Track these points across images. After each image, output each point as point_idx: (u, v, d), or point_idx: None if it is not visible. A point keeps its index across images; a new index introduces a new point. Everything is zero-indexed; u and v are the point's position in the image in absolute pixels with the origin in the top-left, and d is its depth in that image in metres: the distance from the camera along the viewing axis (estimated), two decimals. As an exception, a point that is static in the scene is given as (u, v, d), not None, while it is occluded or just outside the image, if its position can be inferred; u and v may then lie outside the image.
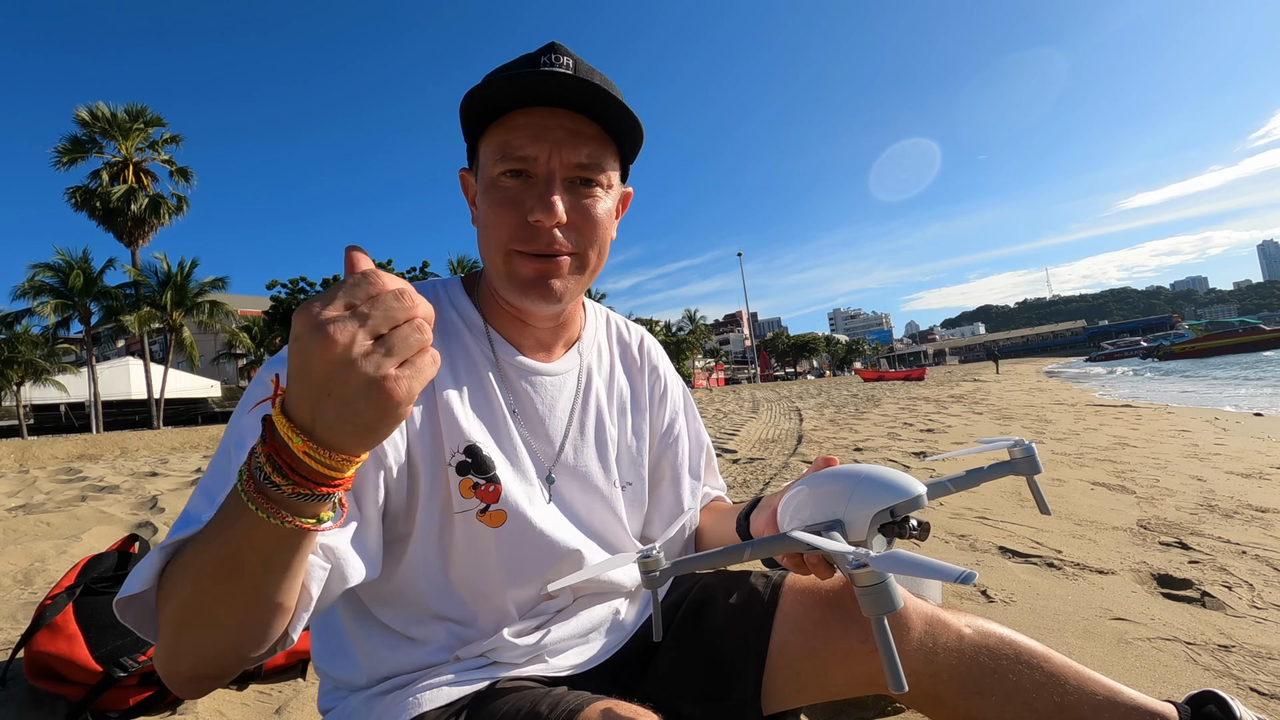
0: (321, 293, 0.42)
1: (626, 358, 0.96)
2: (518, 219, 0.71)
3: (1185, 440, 4.84)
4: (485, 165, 0.73)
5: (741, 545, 0.69)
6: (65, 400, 30.11)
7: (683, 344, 56.54)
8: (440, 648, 0.74)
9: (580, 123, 0.71)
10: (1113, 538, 2.42)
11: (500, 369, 0.80)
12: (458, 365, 0.77)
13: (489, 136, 0.73)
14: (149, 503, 4.14)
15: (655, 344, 1.02)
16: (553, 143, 0.70)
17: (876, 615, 0.53)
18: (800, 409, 11.47)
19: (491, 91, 0.69)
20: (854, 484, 0.65)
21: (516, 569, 0.76)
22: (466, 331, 0.80)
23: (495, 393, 0.79)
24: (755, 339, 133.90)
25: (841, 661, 0.75)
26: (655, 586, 0.67)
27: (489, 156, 0.72)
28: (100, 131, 27.16)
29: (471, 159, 0.78)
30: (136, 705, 1.39)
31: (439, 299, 0.82)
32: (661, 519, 0.96)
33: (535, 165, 0.70)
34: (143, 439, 13.56)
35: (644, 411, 0.95)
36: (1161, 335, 65.35)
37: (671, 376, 1.01)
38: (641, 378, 0.96)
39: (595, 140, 0.72)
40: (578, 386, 0.87)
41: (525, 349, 0.83)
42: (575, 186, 0.72)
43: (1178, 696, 0.75)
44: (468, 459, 0.74)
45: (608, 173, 0.74)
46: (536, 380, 0.83)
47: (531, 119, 0.70)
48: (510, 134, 0.70)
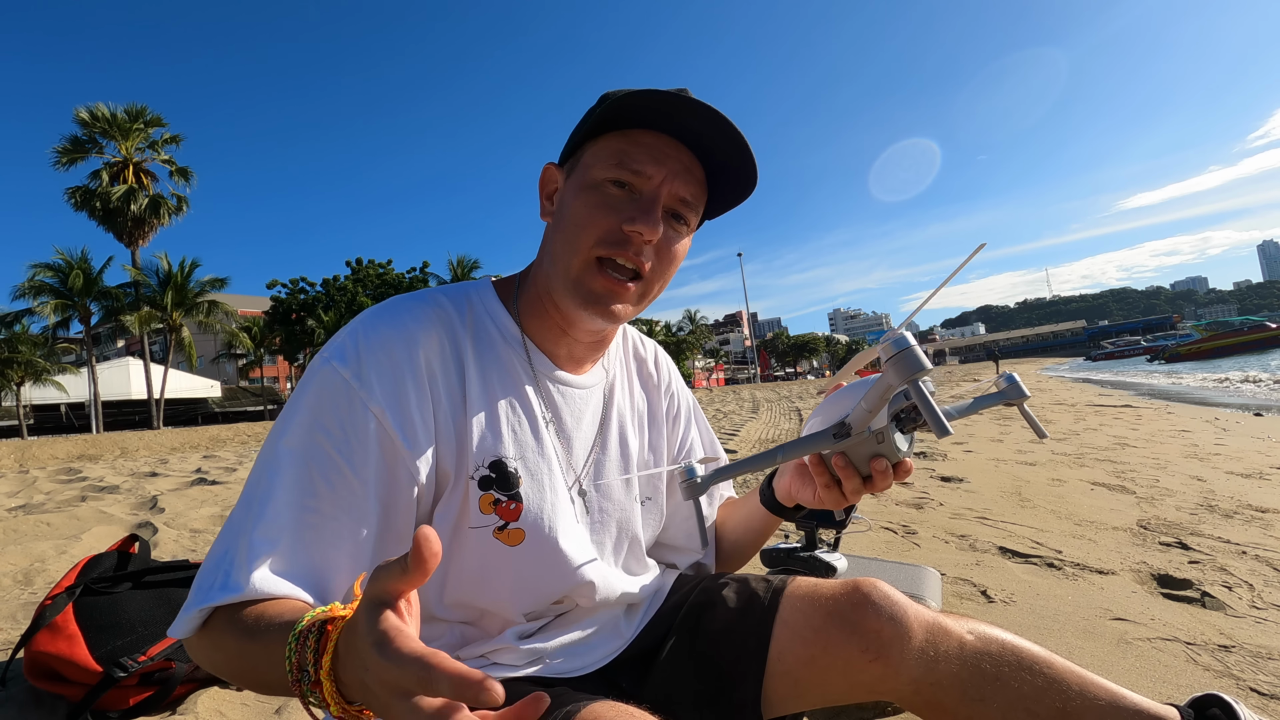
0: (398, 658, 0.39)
1: (643, 373, 0.97)
2: (612, 224, 0.71)
3: (1185, 440, 4.84)
4: (590, 166, 0.73)
5: (772, 451, 0.72)
6: (65, 400, 30.13)
7: (683, 344, 56.55)
8: (441, 645, 0.74)
9: (694, 165, 0.74)
10: (1113, 538, 2.42)
11: (537, 379, 0.80)
12: (490, 376, 0.76)
13: (605, 141, 0.73)
14: (149, 503, 4.14)
15: (667, 358, 1.03)
16: (669, 171, 0.72)
17: (913, 379, 0.58)
18: (800, 409, 11.47)
19: (638, 102, 0.70)
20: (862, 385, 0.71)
21: (530, 587, 0.75)
22: (501, 340, 0.79)
23: (533, 404, 0.78)
24: (755, 339, 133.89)
25: (841, 670, 0.75)
26: (696, 494, 0.73)
27: (600, 159, 0.72)
28: (100, 132, 27.16)
29: (565, 157, 0.78)
30: (136, 705, 1.39)
31: (472, 305, 0.80)
32: (679, 529, 0.97)
33: (647, 184, 0.73)
34: (143, 439, 13.57)
35: (660, 426, 0.96)
36: (1162, 335, 65.14)
37: (683, 391, 1.03)
38: (658, 393, 0.97)
39: (700, 184, 0.76)
40: (603, 401, 0.87)
41: (559, 360, 0.82)
42: (669, 219, 0.75)
43: (1178, 697, 0.76)
44: (491, 474, 0.73)
45: (694, 219, 0.78)
46: (567, 392, 0.82)
47: (657, 141, 0.72)
48: (633, 147, 0.71)
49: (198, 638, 0.61)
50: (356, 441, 0.66)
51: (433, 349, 0.72)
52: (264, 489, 0.63)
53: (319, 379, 0.68)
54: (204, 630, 0.61)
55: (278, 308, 30.51)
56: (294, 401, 0.68)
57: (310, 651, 0.46)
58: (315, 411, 0.66)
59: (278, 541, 0.61)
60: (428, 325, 0.73)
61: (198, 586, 0.62)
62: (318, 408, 0.66)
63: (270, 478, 0.64)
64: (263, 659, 0.54)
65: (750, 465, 0.73)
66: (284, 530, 0.62)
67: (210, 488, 4.74)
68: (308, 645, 0.47)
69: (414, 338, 0.71)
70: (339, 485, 0.65)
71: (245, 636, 0.57)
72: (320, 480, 0.64)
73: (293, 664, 0.47)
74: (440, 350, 0.73)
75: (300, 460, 0.64)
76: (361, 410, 0.66)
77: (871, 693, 0.75)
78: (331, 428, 0.66)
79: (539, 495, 0.75)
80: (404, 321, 0.72)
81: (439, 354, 0.73)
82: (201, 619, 0.61)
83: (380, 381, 0.68)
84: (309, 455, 0.65)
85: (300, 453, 0.65)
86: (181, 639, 0.62)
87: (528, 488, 0.74)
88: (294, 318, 30.15)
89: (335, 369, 0.67)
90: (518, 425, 0.76)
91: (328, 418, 0.66)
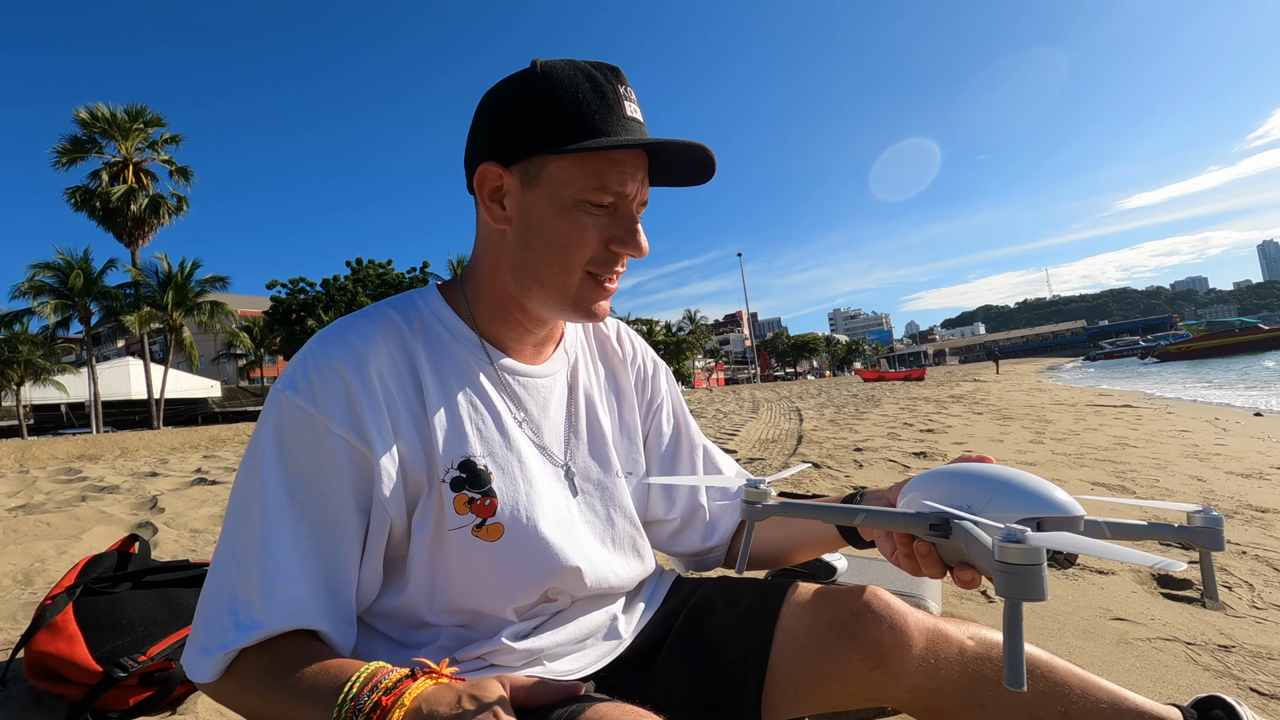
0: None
1: (607, 350, 0.98)
2: (599, 244, 0.73)
3: (1185, 440, 4.84)
4: (563, 184, 0.71)
5: (854, 508, 0.60)
6: (65, 400, 30.11)
7: (683, 344, 56.55)
8: (438, 649, 0.74)
9: (645, 166, 0.76)
10: (1113, 538, 2.42)
11: (496, 374, 0.80)
12: (448, 378, 0.77)
13: (583, 161, 0.71)
14: (149, 503, 4.14)
15: (631, 332, 1.03)
16: (639, 184, 0.74)
17: (1015, 599, 0.45)
18: (800, 409, 11.47)
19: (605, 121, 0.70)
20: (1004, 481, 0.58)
21: (517, 580, 0.76)
22: (454, 342, 0.79)
23: (494, 399, 0.79)
24: (755, 339, 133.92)
25: (842, 678, 0.75)
26: (755, 519, 0.63)
27: (576, 179, 0.71)
28: (100, 132, 27.17)
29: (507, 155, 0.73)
30: (136, 705, 1.39)
31: (419, 311, 0.80)
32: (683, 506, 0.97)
33: (625, 203, 0.74)
34: (143, 439, 13.57)
35: (630, 400, 0.96)
36: (1162, 336, 65.17)
37: (650, 360, 1.03)
38: (625, 367, 0.98)
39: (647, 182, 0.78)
40: (568, 385, 0.88)
41: (511, 351, 0.83)
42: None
43: (1178, 697, 0.75)
44: (462, 474, 0.73)
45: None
46: (529, 382, 0.83)
47: (629, 158, 0.73)
48: (611, 168, 0.71)
49: (221, 682, 0.63)
50: (330, 465, 0.68)
51: (384, 363, 0.73)
52: (252, 525, 0.66)
53: (277, 412, 0.69)
54: (228, 674, 0.63)
55: (278, 308, 30.51)
56: (258, 437, 0.69)
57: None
58: (281, 444, 0.68)
59: (282, 573, 0.64)
60: (375, 341, 0.73)
61: (207, 629, 0.64)
62: (283, 440, 0.68)
63: (258, 513, 0.66)
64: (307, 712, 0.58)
65: (824, 512, 0.64)
66: (285, 561, 0.64)
67: (210, 488, 4.74)
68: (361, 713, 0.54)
69: (363, 356, 0.71)
70: (324, 509, 0.68)
71: (279, 686, 0.60)
72: (304, 509, 0.67)
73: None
74: (392, 363, 0.74)
75: (280, 493, 0.66)
76: (326, 435, 0.68)
77: (872, 700, 0.75)
78: (301, 456, 0.68)
79: (512, 488, 0.75)
80: (350, 341, 0.72)
81: (391, 367, 0.73)
82: (226, 663, 0.62)
83: (336, 404, 0.69)
84: (288, 487, 0.67)
85: (278, 486, 0.67)
86: (202, 685, 0.63)
87: (500, 482, 0.75)
88: (294, 318, 30.15)
89: (290, 400, 0.69)
90: (481, 423, 0.77)
91: (295, 448, 0.68)
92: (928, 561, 0.62)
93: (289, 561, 0.64)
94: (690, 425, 1.03)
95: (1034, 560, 0.45)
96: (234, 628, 0.62)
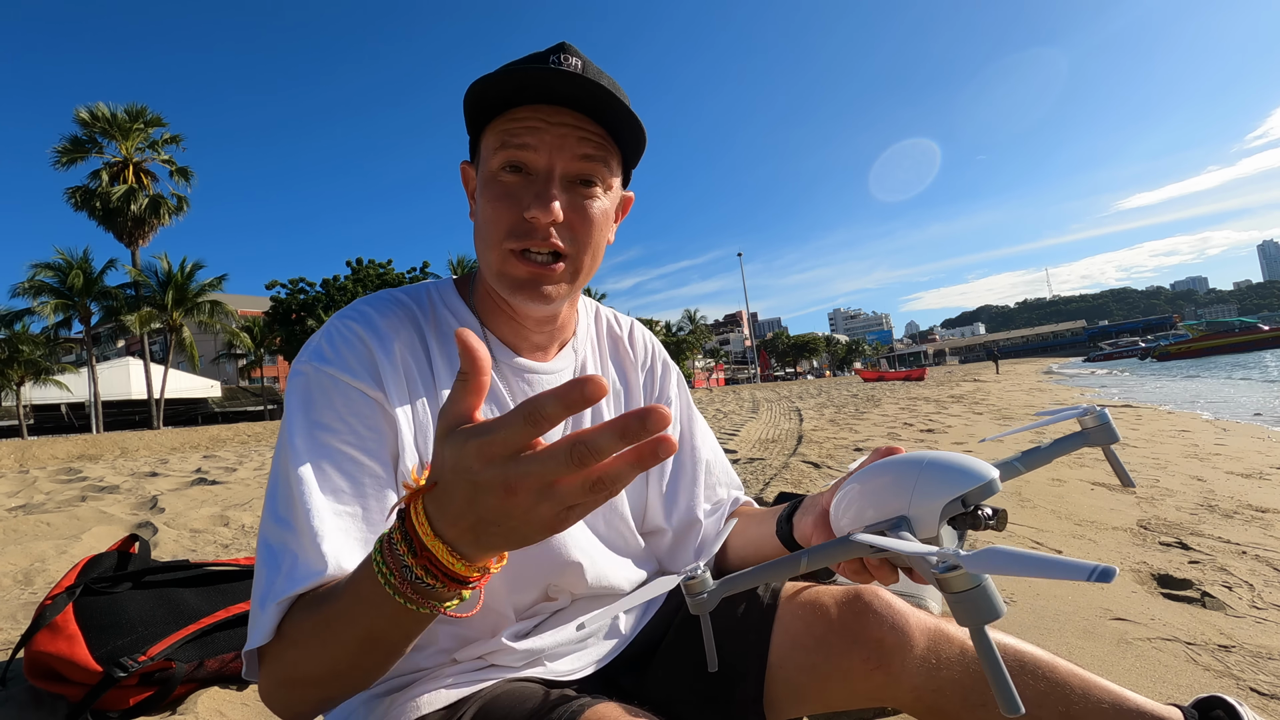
0: (496, 427, 0.40)
1: (618, 351, 0.96)
2: (515, 215, 0.69)
3: (1185, 440, 4.84)
4: (485, 159, 0.72)
5: (796, 556, 0.61)
6: (65, 400, 30.12)
7: (683, 344, 56.56)
8: (439, 650, 0.74)
9: (583, 122, 0.70)
10: (1113, 538, 2.42)
11: (502, 369, 0.80)
12: (456, 366, 0.77)
13: (491, 129, 0.72)
14: (149, 503, 4.14)
15: (646, 332, 1.01)
16: (555, 139, 0.69)
17: (977, 625, 0.45)
18: (800, 409, 11.47)
19: (497, 83, 0.68)
20: (916, 473, 0.58)
21: (518, 577, 0.75)
22: None
23: (501, 393, 0.79)
24: (755, 339, 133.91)
25: (842, 678, 0.75)
26: (705, 610, 0.61)
27: (489, 149, 0.71)
28: (100, 131, 27.19)
29: (473, 153, 0.78)
30: (136, 705, 1.39)
31: (433, 301, 0.81)
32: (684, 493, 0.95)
33: (535, 161, 0.69)
34: (143, 439, 13.57)
35: (636, 402, 0.94)
36: (1162, 336, 65.23)
37: (661, 362, 1.00)
38: (635, 370, 0.96)
39: (597, 141, 0.71)
40: None
41: (521, 350, 0.82)
42: (575, 186, 0.72)
43: (1178, 697, 0.75)
44: None
45: (607, 175, 0.73)
46: (533, 379, 0.82)
47: (535, 114, 0.69)
48: (511, 125, 0.70)
49: (273, 646, 0.59)
50: (363, 427, 0.68)
51: (404, 343, 0.74)
52: (294, 497, 0.63)
53: (303, 382, 0.69)
54: (279, 636, 0.59)
55: (278, 308, 30.51)
56: (286, 409, 0.69)
57: (402, 544, 0.45)
58: (308, 408, 0.67)
59: (325, 524, 0.62)
60: (394, 321, 0.74)
61: (267, 590, 0.60)
62: (309, 403, 0.68)
63: (295, 487, 0.64)
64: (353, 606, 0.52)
65: (767, 574, 0.62)
66: (324, 514, 0.63)
67: (210, 488, 4.75)
68: (395, 542, 0.46)
69: (384, 333, 0.72)
70: (360, 473, 0.67)
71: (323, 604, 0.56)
72: (341, 476, 0.66)
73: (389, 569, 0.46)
74: (410, 344, 0.75)
75: (313, 452, 0.65)
76: (359, 397, 0.68)
77: (872, 700, 0.75)
78: (331, 423, 0.67)
79: None
80: (371, 319, 0.73)
81: (409, 348, 0.74)
82: (279, 614, 0.59)
83: (359, 361, 0.69)
84: (324, 455, 0.66)
85: (310, 448, 0.66)
86: (259, 646, 0.59)
87: None
88: (294, 318, 30.16)
89: (317, 368, 0.69)
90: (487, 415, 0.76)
91: (321, 410, 0.67)
92: (880, 572, 0.64)
93: (326, 515, 0.63)
94: (696, 434, 0.99)
95: (976, 583, 0.45)
96: (290, 577, 0.60)
